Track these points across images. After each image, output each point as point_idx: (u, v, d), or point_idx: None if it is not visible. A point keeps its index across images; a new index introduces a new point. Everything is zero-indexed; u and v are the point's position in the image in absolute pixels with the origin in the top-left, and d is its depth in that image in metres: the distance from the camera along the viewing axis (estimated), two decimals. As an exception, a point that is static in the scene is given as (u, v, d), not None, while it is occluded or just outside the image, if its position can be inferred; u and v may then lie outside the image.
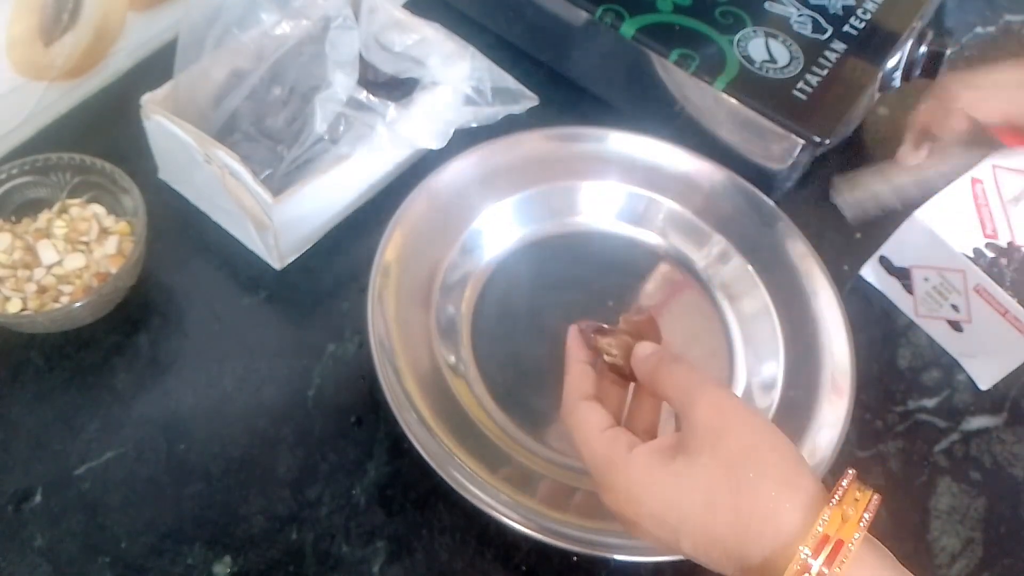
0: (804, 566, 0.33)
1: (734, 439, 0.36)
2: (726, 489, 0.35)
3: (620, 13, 0.64)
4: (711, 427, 0.36)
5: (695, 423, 0.36)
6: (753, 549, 0.34)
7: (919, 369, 0.59)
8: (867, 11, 0.67)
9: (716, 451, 0.35)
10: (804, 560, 0.33)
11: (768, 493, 0.34)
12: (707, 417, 0.36)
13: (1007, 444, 0.56)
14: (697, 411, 0.37)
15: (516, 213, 0.60)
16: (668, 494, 0.36)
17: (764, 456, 0.35)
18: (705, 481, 0.35)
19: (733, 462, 0.35)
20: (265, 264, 0.58)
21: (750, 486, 0.35)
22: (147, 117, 0.55)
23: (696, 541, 0.36)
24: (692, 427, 0.36)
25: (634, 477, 0.37)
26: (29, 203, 0.56)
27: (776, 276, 0.59)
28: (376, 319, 0.52)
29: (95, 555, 0.47)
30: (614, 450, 0.38)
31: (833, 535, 0.33)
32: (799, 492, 0.34)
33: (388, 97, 0.58)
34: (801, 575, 0.33)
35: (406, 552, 0.44)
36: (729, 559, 0.35)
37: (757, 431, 0.36)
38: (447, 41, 0.61)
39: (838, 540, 0.33)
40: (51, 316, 0.51)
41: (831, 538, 0.33)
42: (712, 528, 0.35)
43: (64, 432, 0.50)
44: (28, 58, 0.58)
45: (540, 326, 0.57)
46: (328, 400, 0.53)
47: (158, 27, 0.65)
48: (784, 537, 0.34)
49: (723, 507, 0.35)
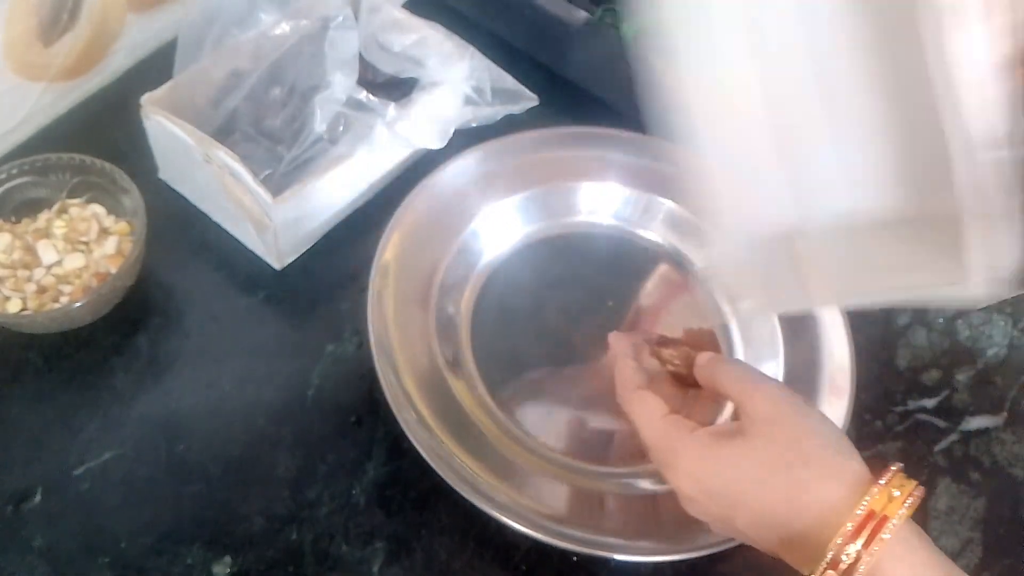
0: (852, 534, 0.35)
1: (788, 426, 0.39)
2: (779, 467, 0.38)
3: (619, 14, 0.64)
4: (767, 416, 0.39)
5: (752, 412, 0.40)
6: (800, 521, 0.37)
7: (919, 369, 0.59)
8: (866, 11, 0.67)
9: (771, 436, 0.39)
10: (850, 531, 0.35)
11: (817, 471, 0.37)
12: (763, 407, 0.40)
13: (1007, 444, 0.56)
14: (754, 401, 0.40)
15: (516, 213, 0.60)
16: (727, 472, 0.39)
17: (814, 440, 0.39)
18: (761, 461, 0.38)
19: (786, 445, 0.38)
20: (264, 264, 0.58)
21: (801, 465, 0.38)
22: (147, 117, 0.55)
23: (750, 516, 0.38)
24: (749, 415, 0.40)
25: (696, 456, 0.40)
26: (29, 203, 0.56)
27: (776, 276, 0.59)
28: (375, 319, 0.52)
29: (94, 555, 0.47)
30: (677, 432, 0.41)
31: (879, 511, 0.35)
32: (846, 473, 0.37)
33: (388, 97, 0.58)
34: (848, 543, 0.35)
35: (405, 552, 0.44)
36: (778, 533, 0.38)
37: (809, 420, 0.40)
38: (446, 41, 0.61)
39: (883, 515, 0.35)
40: (51, 316, 0.51)
41: (876, 513, 0.35)
42: (765, 502, 0.38)
43: (63, 432, 0.50)
44: (27, 58, 0.58)
45: (540, 326, 0.57)
46: (327, 400, 0.53)
47: (157, 27, 0.65)
48: (829, 509, 0.36)
49: (776, 483, 0.38)
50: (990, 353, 0.60)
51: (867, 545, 0.35)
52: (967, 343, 0.61)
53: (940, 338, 0.60)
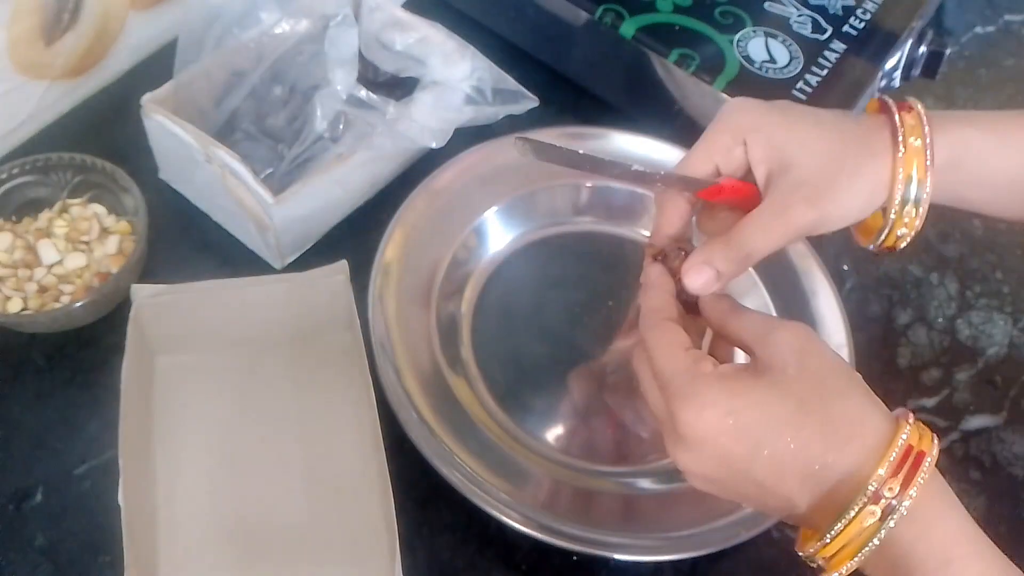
0: (894, 468, 0.34)
1: (818, 359, 0.37)
2: (816, 397, 0.35)
3: (620, 13, 0.64)
4: (795, 348, 0.37)
5: (778, 346, 0.37)
6: (839, 457, 0.34)
7: (919, 368, 0.59)
8: (867, 11, 0.67)
9: (802, 367, 0.36)
10: (893, 463, 0.34)
11: (855, 405, 0.36)
12: (791, 340, 0.37)
13: (1007, 444, 0.57)
14: (779, 337, 0.37)
15: (516, 213, 0.60)
16: (759, 403, 0.35)
17: (847, 375, 0.37)
18: (795, 391, 0.36)
19: (820, 377, 0.36)
20: (265, 263, 0.58)
21: (839, 396, 0.36)
22: (148, 117, 0.56)
23: (777, 453, 0.35)
24: (775, 350, 0.37)
25: (723, 386, 0.36)
26: (30, 203, 0.56)
27: (775, 275, 0.59)
28: (376, 318, 0.52)
29: (95, 554, 0.47)
30: (700, 364, 0.37)
31: (916, 445, 0.34)
32: (879, 409, 0.36)
33: (389, 96, 0.58)
34: (888, 480, 0.33)
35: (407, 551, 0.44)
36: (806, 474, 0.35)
37: (836, 356, 0.38)
38: (447, 40, 0.61)
39: (920, 451, 0.34)
40: (52, 316, 0.51)
41: (914, 448, 0.34)
42: (800, 434, 0.35)
43: (65, 431, 0.50)
44: (29, 58, 0.58)
45: (540, 325, 0.57)
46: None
47: (159, 27, 0.65)
48: (871, 444, 0.34)
49: (814, 413, 0.35)
50: (990, 352, 0.60)
51: (910, 477, 0.33)
52: (967, 342, 0.61)
53: (940, 337, 0.60)
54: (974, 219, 0.67)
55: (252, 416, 0.51)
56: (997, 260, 0.65)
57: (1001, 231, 0.67)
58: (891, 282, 0.63)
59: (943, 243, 0.66)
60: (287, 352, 0.53)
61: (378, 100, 0.56)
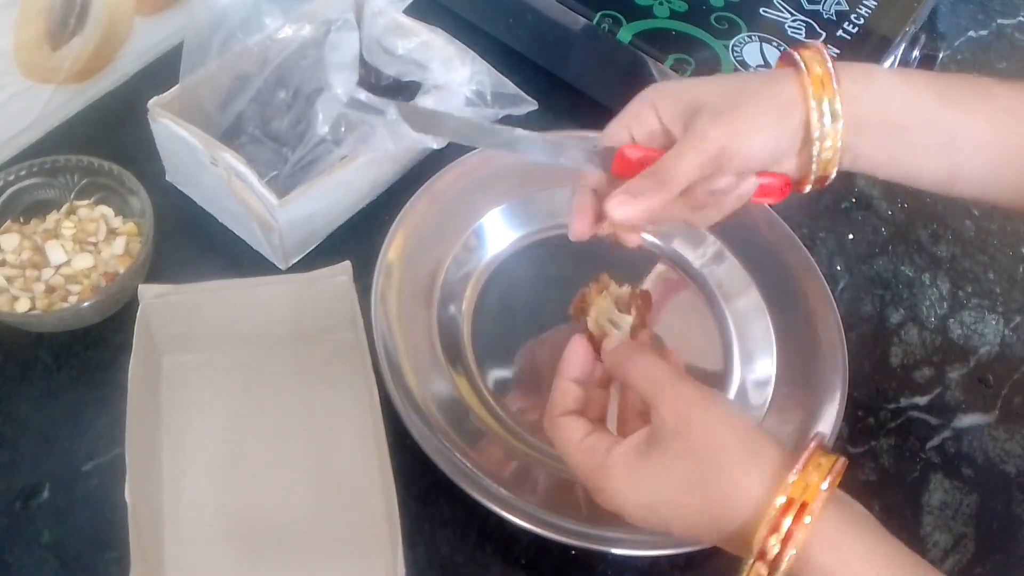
0: (773, 526, 0.35)
1: (699, 427, 0.38)
2: (697, 474, 0.38)
3: (617, 19, 0.65)
4: (678, 419, 0.39)
5: (663, 416, 0.39)
6: (730, 521, 0.37)
7: (911, 367, 0.60)
8: (860, 16, 0.68)
9: (685, 441, 0.38)
10: (771, 522, 0.36)
11: (733, 471, 0.37)
12: (673, 410, 0.39)
13: (999, 441, 0.57)
14: (664, 405, 0.39)
15: (516, 214, 0.61)
16: (648, 487, 0.39)
17: (727, 439, 0.38)
18: (678, 470, 0.38)
19: (700, 449, 0.38)
20: (270, 264, 0.58)
21: (717, 468, 0.38)
22: (154, 120, 0.56)
23: (682, 523, 0.39)
24: (661, 420, 0.39)
25: (617, 477, 0.40)
26: (37, 204, 0.56)
27: (770, 276, 0.59)
28: (379, 318, 0.53)
29: (102, 550, 0.47)
30: (595, 457, 0.41)
31: (798, 497, 0.36)
32: (763, 463, 0.37)
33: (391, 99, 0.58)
34: (770, 535, 0.35)
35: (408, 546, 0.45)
36: (714, 535, 0.38)
37: (719, 417, 0.39)
38: (448, 45, 0.62)
39: (803, 502, 0.35)
40: (59, 315, 0.52)
41: (796, 500, 0.36)
42: (691, 509, 0.38)
43: (72, 429, 0.51)
44: (35, 61, 0.58)
45: (540, 325, 0.57)
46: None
47: (165, 31, 0.66)
48: (754, 505, 0.36)
49: (697, 490, 0.38)
50: (982, 351, 0.61)
51: (790, 534, 0.35)
52: (959, 341, 0.61)
53: (932, 336, 0.61)
54: (966, 220, 0.68)
55: (257, 414, 0.52)
56: (989, 261, 0.66)
57: (993, 232, 0.67)
58: (883, 282, 0.64)
59: (935, 244, 0.66)
60: (291, 351, 0.54)
61: (379, 102, 0.57)
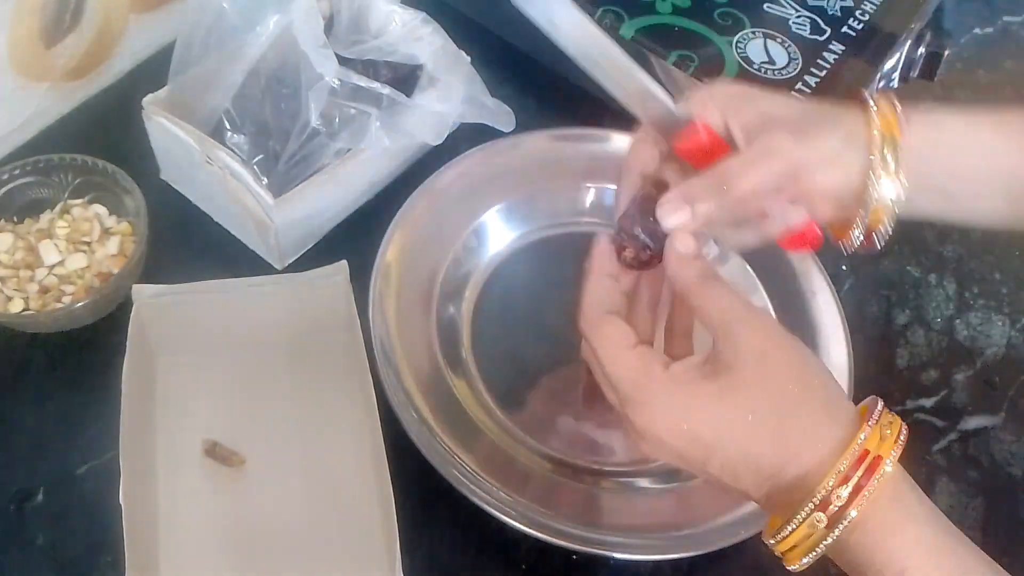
0: (844, 477, 0.34)
1: (779, 362, 0.36)
2: (769, 408, 0.35)
3: (619, 14, 0.64)
4: (756, 349, 0.36)
5: (739, 344, 0.36)
6: (790, 466, 0.35)
7: (917, 369, 0.59)
8: (865, 12, 0.67)
9: (760, 372, 0.36)
10: (843, 472, 0.34)
11: (811, 413, 0.35)
12: (752, 339, 0.36)
13: (1005, 443, 0.57)
14: (742, 333, 0.36)
15: (516, 213, 0.60)
16: (711, 410, 0.36)
17: (807, 380, 0.36)
18: (750, 400, 0.35)
19: (778, 383, 0.36)
20: (266, 264, 0.58)
21: (794, 405, 0.35)
22: (149, 118, 0.56)
23: (729, 459, 0.36)
24: (736, 348, 0.36)
25: (674, 391, 0.36)
26: (31, 203, 0.56)
27: (775, 276, 0.59)
28: (377, 319, 0.52)
29: (97, 554, 0.47)
30: (649, 366, 0.37)
31: (873, 450, 0.34)
32: (840, 413, 0.36)
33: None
34: (839, 486, 0.33)
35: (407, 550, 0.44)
36: (759, 478, 0.35)
37: (800, 357, 0.37)
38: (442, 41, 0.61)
39: (876, 456, 0.34)
40: (53, 316, 0.52)
41: (870, 453, 0.34)
42: (752, 445, 0.35)
43: (66, 431, 0.51)
44: (30, 59, 0.58)
45: (540, 326, 0.57)
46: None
47: (159, 29, 0.66)
48: (823, 453, 0.34)
49: (766, 425, 0.35)
50: (988, 353, 0.60)
51: (861, 486, 0.33)
52: (965, 343, 0.61)
53: (938, 338, 0.61)
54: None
55: (252, 416, 0.51)
56: (995, 261, 0.65)
57: (999, 233, 0.67)
58: (889, 283, 0.63)
59: (941, 244, 0.66)
60: (288, 352, 0.53)
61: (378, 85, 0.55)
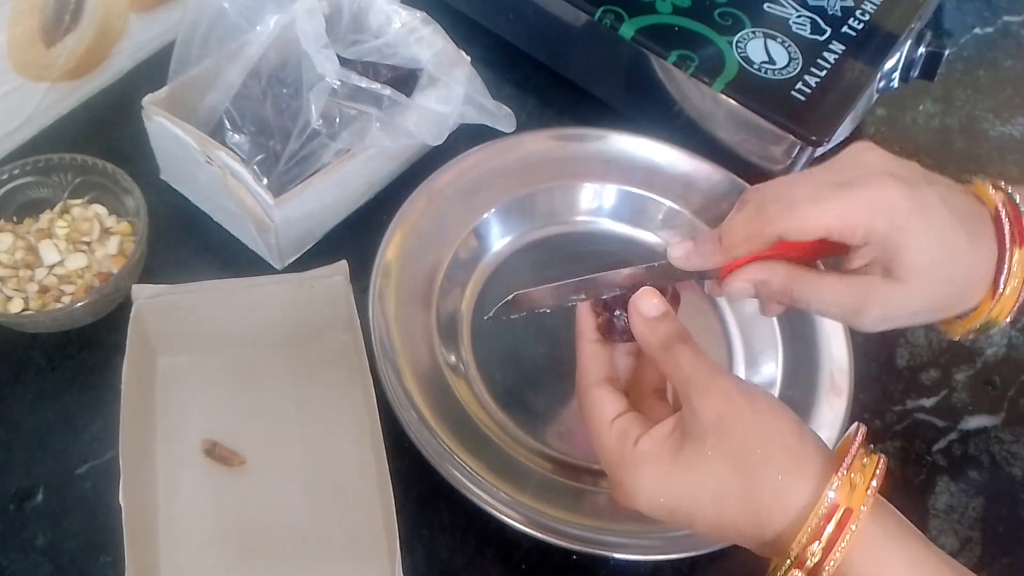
0: (815, 534, 0.34)
1: (740, 427, 0.36)
2: (734, 478, 0.35)
3: (619, 14, 0.64)
4: (715, 418, 0.36)
5: (698, 414, 0.36)
6: (766, 528, 0.35)
7: (917, 369, 0.59)
8: (866, 12, 0.67)
9: (722, 440, 0.36)
10: (812, 530, 0.34)
11: (775, 476, 0.35)
12: (711, 409, 0.36)
13: (1005, 443, 0.57)
14: (702, 404, 0.36)
15: (516, 213, 0.60)
16: (677, 488, 0.37)
17: (770, 439, 0.36)
18: (714, 472, 0.36)
19: (739, 449, 0.36)
20: (266, 264, 0.58)
21: (757, 473, 0.35)
22: (148, 118, 0.56)
23: (709, 524, 0.37)
24: (695, 417, 0.37)
25: (644, 473, 0.37)
26: (31, 203, 0.56)
27: (775, 276, 0.59)
28: (377, 318, 0.52)
29: (97, 554, 0.47)
30: (623, 445, 0.38)
31: (843, 503, 0.34)
32: (806, 468, 0.35)
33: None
34: (811, 543, 0.34)
35: (407, 550, 0.44)
36: (741, 537, 0.37)
37: (762, 416, 0.37)
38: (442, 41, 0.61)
39: (847, 508, 0.34)
40: (53, 316, 0.51)
41: (840, 506, 0.34)
42: (724, 516, 0.36)
43: (66, 431, 0.51)
44: (29, 59, 0.58)
45: (540, 326, 0.57)
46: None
47: (159, 28, 0.65)
48: (794, 513, 0.35)
49: (733, 496, 0.36)
50: (989, 352, 0.60)
51: (833, 541, 0.33)
52: (966, 342, 0.61)
53: (939, 337, 0.61)
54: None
55: (253, 416, 0.51)
56: (995, 260, 0.65)
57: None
58: (890, 282, 0.63)
59: (942, 243, 0.66)
60: (287, 352, 0.53)
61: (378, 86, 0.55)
